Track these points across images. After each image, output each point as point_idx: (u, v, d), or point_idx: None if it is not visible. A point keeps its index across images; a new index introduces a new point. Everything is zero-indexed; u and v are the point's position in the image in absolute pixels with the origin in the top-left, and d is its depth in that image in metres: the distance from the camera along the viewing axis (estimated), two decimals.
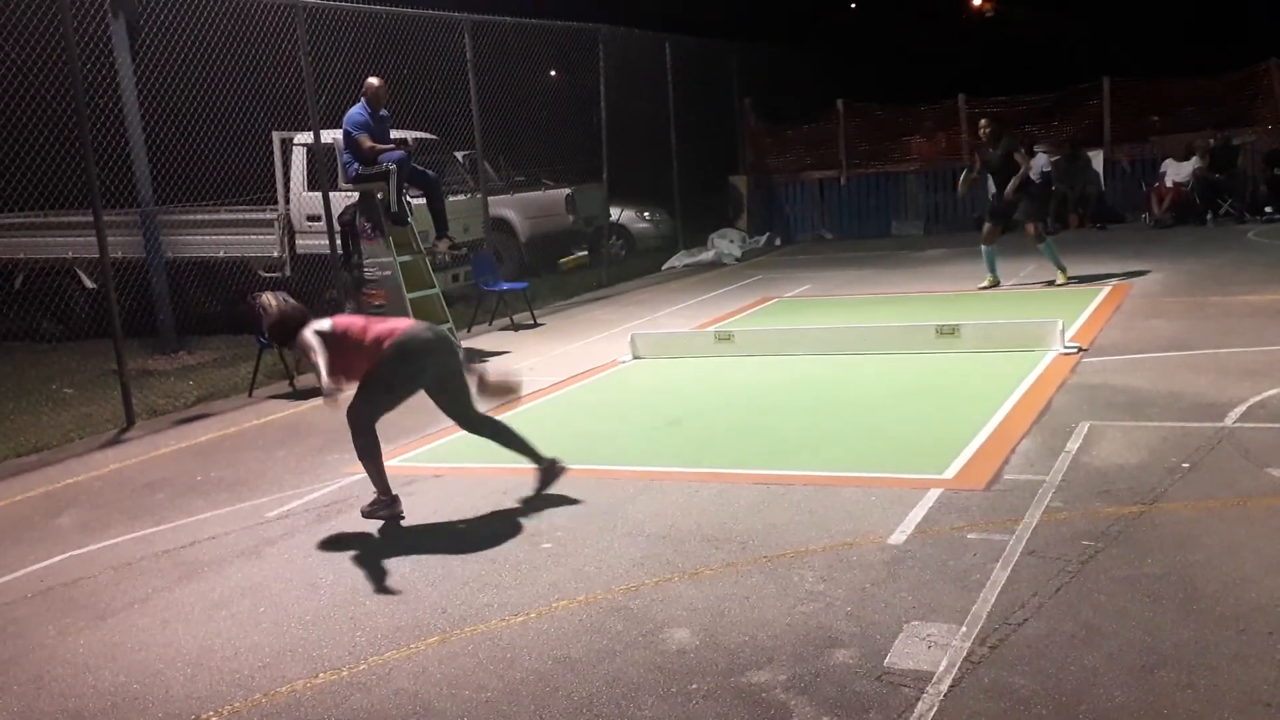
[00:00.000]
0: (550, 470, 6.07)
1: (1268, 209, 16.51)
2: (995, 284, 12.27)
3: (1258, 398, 6.83)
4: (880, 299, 12.48)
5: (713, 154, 20.09)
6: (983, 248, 12.30)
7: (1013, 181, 12.05)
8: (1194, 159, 16.98)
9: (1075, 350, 8.54)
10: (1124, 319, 9.86)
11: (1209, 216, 16.72)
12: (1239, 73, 17.79)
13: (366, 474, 5.92)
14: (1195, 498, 5.24)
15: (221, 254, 12.90)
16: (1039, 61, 23.68)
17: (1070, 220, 17.76)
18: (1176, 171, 17.09)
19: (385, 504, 5.89)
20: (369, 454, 5.84)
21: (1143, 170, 18.04)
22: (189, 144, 11.13)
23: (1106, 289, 11.50)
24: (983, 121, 12.67)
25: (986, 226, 12.32)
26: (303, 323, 5.82)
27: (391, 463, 6.94)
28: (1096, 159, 18.04)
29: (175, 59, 10.34)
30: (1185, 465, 5.69)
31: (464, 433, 7.69)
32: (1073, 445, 6.17)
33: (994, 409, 7.05)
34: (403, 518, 5.88)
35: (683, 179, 18.28)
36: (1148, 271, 12.41)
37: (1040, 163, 17.84)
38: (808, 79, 22.14)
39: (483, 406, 6.18)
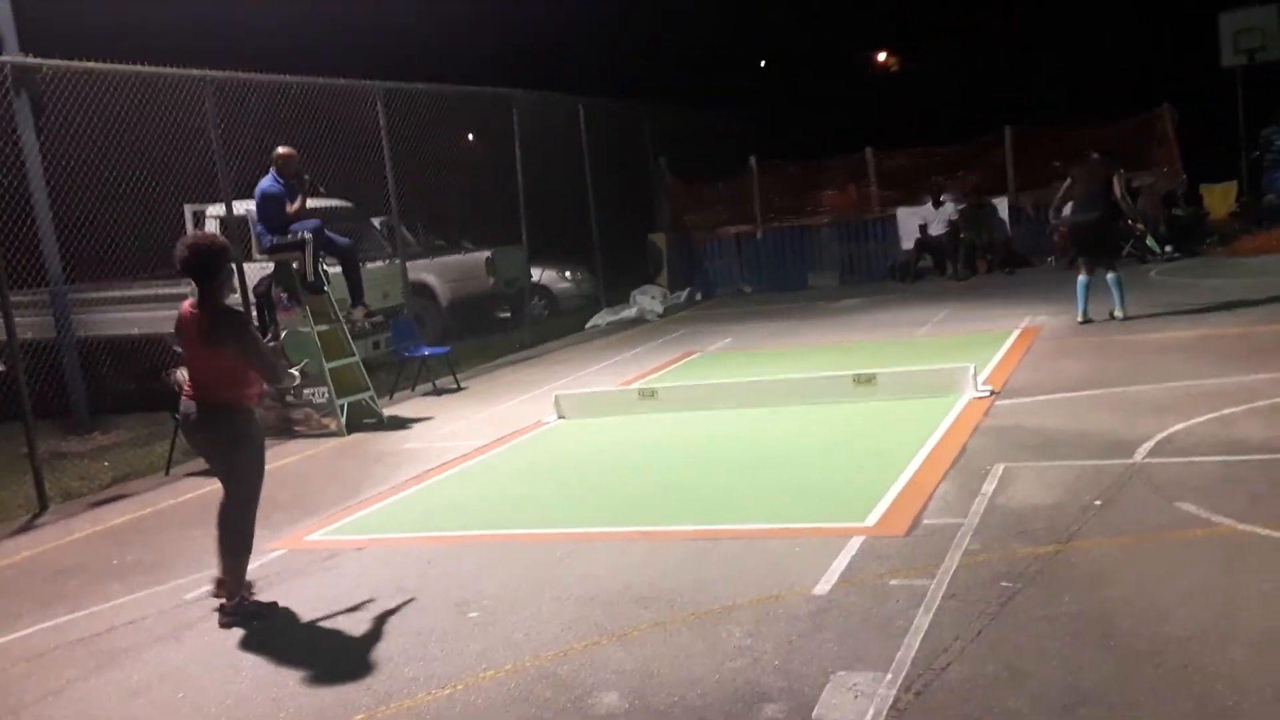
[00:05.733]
0: None
1: (1167, 248, 17.08)
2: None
3: (1165, 433, 7.04)
4: (800, 350, 12.65)
5: (631, 212, 20.30)
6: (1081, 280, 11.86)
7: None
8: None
9: (988, 393, 8.72)
10: (1034, 360, 10.11)
11: None
12: (1134, 118, 18.47)
13: (233, 571, 5.47)
14: (1109, 534, 5.37)
15: (135, 331, 12.66)
16: (943, 114, 24.38)
17: (979, 266, 18.20)
18: None
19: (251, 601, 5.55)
20: (248, 546, 5.58)
21: (1046, 215, 18.55)
22: (99, 220, 10.95)
23: (1017, 332, 11.78)
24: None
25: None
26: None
27: (311, 537, 6.85)
28: (1001, 206, 18.56)
29: (82, 134, 10.20)
30: (1098, 502, 5.83)
31: (388, 502, 7.67)
32: (988, 487, 6.29)
33: (911, 454, 7.17)
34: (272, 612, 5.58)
35: (602, 237, 18.43)
36: (1054, 313, 12.76)
37: (948, 211, 18.35)
38: (721, 137, 22.54)
39: None
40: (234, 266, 5.68)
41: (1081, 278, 11.86)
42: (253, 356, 5.41)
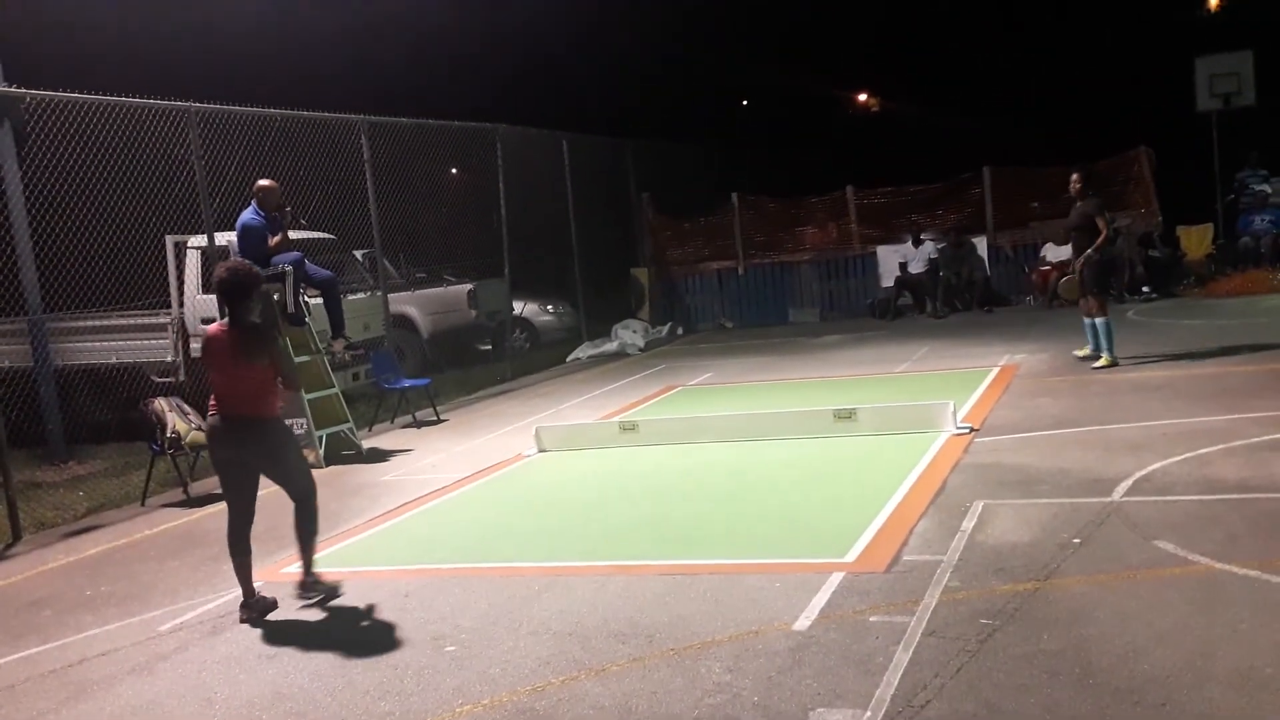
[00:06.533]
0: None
1: (1145, 289, 17.24)
2: (1113, 363, 11.19)
3: (1142, 472, 7.08)
4: (780, 385, 12.68)
5: (614, 247, 20.40)
6: (1085, 321, 11.48)
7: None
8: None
9: (967, 431, 8.76)
10: (1013, 399, 10.16)
11: None
12: (1112, 160, 18.67)
13: (310, 553, 6.21)
14: (1087, 572, 5.38)
15: (113, 360, 12.60)
16: (922, 153, 24.64)
17: (957, 305, 18.32)
18: (1056, 255, 17.79)
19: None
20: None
21: (1025, 255, 18.76)
22: (79, 250, 10.91)
23: (995, 370, 11.85)
24: (1074, 175, 11.61)
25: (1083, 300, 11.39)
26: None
27: (288, 569, 6.79)
28: (980, 245, 18.72)
29: (64, 164, 10.17)
30: (1076, 540, 5.85)
31: (365, 535, 7.62)
32: (968, 524, 6.31)
33: (891, 491, 7.19)
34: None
35: (585, 272, 18.50)
36: (1034, 351, 12.83)
37: (927, 249, 18.49)
38: (703, 173, 22.70)
39: None
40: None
41: (1106, 320, 11.29)
42: (279, 359, 6.14)
